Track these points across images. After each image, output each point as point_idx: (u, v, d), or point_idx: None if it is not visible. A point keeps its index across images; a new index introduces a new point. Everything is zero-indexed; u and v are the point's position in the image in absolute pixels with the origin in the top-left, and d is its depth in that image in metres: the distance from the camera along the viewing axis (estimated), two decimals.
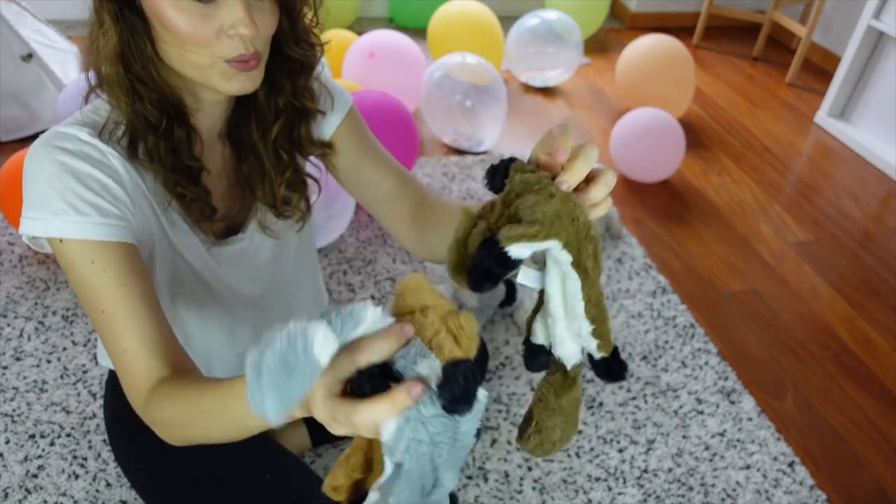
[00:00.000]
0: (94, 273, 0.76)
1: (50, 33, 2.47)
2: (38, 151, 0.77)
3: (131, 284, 0.77)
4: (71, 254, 0.76)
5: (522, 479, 1.36)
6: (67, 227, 0.75)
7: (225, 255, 0.94)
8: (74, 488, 1.27)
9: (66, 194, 0.75)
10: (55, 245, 0.77)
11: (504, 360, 1.62)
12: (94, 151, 0.77)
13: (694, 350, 1.70)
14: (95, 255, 0.76)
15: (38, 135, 2.49)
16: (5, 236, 1.84)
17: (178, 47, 0.75)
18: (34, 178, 0.76)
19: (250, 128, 0.88)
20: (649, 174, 2.30)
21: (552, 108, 2.78)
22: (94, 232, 0.76)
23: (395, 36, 2.44)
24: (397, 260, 1.89)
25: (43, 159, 0.76)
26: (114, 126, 0.79)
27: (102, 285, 0.76)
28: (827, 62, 3.27)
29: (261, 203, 0.94)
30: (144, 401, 0.75)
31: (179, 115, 0.81)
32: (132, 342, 0.75)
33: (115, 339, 0.76)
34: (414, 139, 2.02)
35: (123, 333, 0.76)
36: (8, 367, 1.49)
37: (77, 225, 0.75)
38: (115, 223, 0.77)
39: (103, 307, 0.76)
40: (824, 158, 2.63)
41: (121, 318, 0.76)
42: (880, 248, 2.16)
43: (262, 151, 0.89)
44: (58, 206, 0.75)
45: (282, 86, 0.86)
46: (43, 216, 0.75)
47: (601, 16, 3.26)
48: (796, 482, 1.41)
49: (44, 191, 0.75)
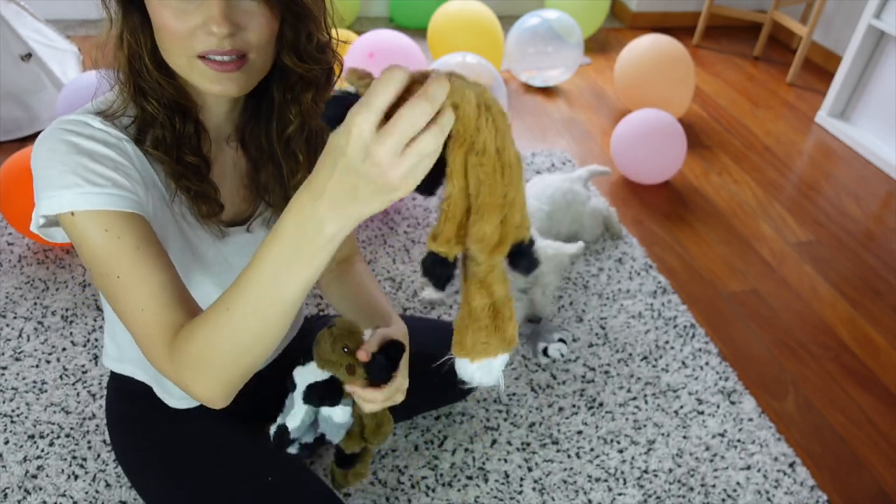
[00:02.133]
0: (110, 240, 0.75)
1: (49, 33, 2.47)
2: (46, 138, 0.77)
3: (147, 247, 0.76)
4: (83, 225, 0.75)
5: (522, 480, 1.36)
6: (79, 199, 0.74)
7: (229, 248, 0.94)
8: (74, 489, 1.27)
9: (79, 169, 0.74)
10: (67, 222, 0.76)
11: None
12: (107, 136, 0.78)
13: (694, 350, 1.69)
14: (109, 223, 0.75)
15: (37, 135, 2.48)
16: (4, 236, 1.84)
17: (164, 43, 0.76)
18: (45, 160, 0.75)
19: (270, 136, 0.89)
20: (650, 176, 2.29)
21: (552, 108, 2.78)
22: (107, 202, 0.75)
23: (395, 36, 2.43)
24: (397, 260, 1.89)
25: (53, 142, 0.76)
26: (123, 114, 0.81)
27: (118, 251, 0.75)
28: (828, 62, 3.27)
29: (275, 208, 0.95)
30: (168, 350, 0.74)
31: (184, 111, 0.82)
32: (150, 299, 0.75)
33: (133, 299, 0.75)
34: None
35: (142, 292, 0.75)
36: (7, 368, 1.49)
37: (90, 196, 0.74)
38: (128, 195, 0.77)
39: (119, 272, 0.75)
40: (825, 158, 2.63)
41: (138, 277, 0.75)
42: (881, 248, 2.15)
43: (280, 159, 0.90)
44: (70, 181, 0.74)
45: (295, 96, 0.86)
46: (56, 193, 0.74)
47: (601, 15, 3.26)
48: (797, 483, 1.41)
49: (55, 169, 0.74)
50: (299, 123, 0.88)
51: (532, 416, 1.49)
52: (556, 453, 1.42)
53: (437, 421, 1.46)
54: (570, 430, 1.47)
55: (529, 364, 1.61)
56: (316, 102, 0.88)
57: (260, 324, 0.66)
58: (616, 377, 1.60)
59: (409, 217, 2.06)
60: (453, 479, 1.35)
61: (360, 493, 1.30)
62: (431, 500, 1.31)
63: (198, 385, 0.72)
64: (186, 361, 0.71)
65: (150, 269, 0.75)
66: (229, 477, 1.00)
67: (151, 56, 0.78)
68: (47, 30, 2.46)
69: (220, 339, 0.68)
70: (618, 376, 1.61)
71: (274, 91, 0.86)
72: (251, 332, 0.67)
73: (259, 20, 0.76)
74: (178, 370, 0.73)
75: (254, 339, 0.67)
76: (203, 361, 0.70)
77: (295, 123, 0.87)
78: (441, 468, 1.37)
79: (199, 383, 0.72)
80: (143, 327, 0.75)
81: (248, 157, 0.93)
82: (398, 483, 1.33)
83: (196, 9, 0.73)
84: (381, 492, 1.31)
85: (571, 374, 1.60)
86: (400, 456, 1.38)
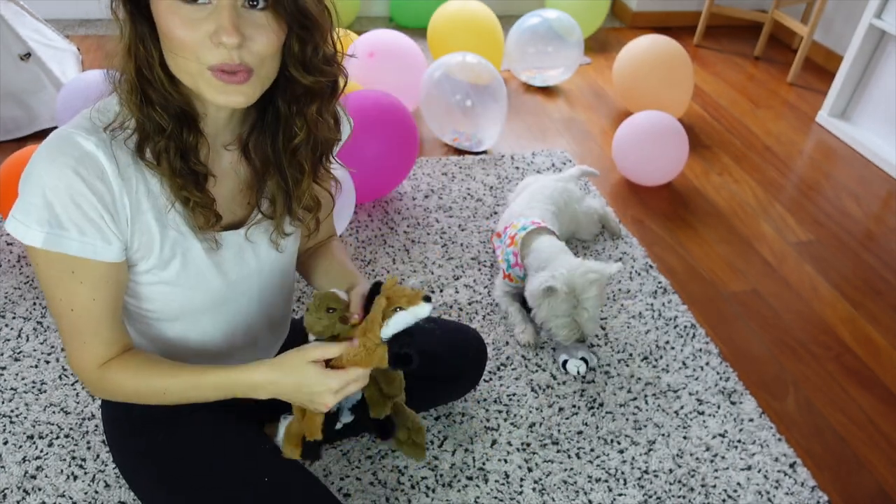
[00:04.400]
0: (72, 282, 0.83)
1: (48, 32, 2.46)
2: (42, 157, 0.78)
3: (105, 292, 0.86)
4: (51, 261, 0.81)
5: (522, 480, 1.36)
6: (52, 240, 0.79)
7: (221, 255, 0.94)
8: (73, 489, 1.27)
9: (57, 209, 0.78)
10: (35, 251, 0.81)
11: (504, 360, 1.61)
12: (95, 165, 0.79)
13: (695, 350, 1.69)
14: (76, 267, 0.82)
15: (36, 134, 2.47)
16: (4, 236, 1.84)
17: (172, 52, 0.76)
18: (32, 184, 0.78)
19: (277, 147, 0.90)
20: (652, 179, 2.28)
21: (552, 108, 2.78)
22: (77, 249, 0.80)
23: (395, 36, 2.43)
24: (397, 260, 1.89)
25: (44, 169, 0.78)
26: (121, 127, 0.81)
27: (77, 293, 0.84)
28: (828, 61, 3.27)
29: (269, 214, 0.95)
30: (95, 375, 0.90)
31: (189, 120, 0.82)
32: (95, 336, 0.88)
33: (78, 333, 0.88)
34: (414, 139, 2.01)
35: (89, 329, 0.87)
36: (6, 368, 1.48)
37: (62, 240, 0.79)
38: (100, 245, 0.82)
39: (73, 307, 0.85)
40: (825, 158, 2.62)
41: (90, 317, 0.86)
42: (882, 247, 2.15)
43: (285, 168, 0.91)
44: (45, 217, 0.78)
45: (301, 108, 0.87)
46: (32, 225, 0.79)
47: (602, 15, 3.26)
48: (797, 483, 1.41)
49: (37, 200, 0.78)
50: (305, 134, 0.89)
51: (532, 416, 1.49)
52: (557, 454, 1.42)
53: (437, 421, 1.45)
54: (570, 431, 1.47)
55: (529, 364, 1.61)
56: (321, 114, 0.89)
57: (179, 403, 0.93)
58: (616, 377, 1.60)
59: (409, 217, 2.06)
60: (453, 480, 1.35)
61: (359, 494, 1.30)
62: (431, 500, 1.31)
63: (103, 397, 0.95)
64: (107, 392, 0.92)
65: (102, 313, 0.87)
66: (226, 478, 1.00)
67: (161, 65, 0.78)
68: (47, 30, 2.46)
69: (144, 400, 0.93)
70: (618, 376, 1.60)
71: (279, 102, 0.86)
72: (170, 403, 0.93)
73: (267, 32, 0.76)
74: (95, 391, 0.93)
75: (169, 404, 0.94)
76: (119, 399, 0.93)
77: (301, 135, 0.88)
78: (441, 468, 1.36)
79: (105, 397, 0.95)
80: (79, 352, 0.89)
81: (251, 165, 0.94)
82: (398, 483, 1.33)
83: (205, 18, 0.73)
84: (381, 492, 1.31)
85: (571, 374, 1.60)
86: (400, 456, 1.38)
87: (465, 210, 2.11)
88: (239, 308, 1.03)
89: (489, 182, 2.25)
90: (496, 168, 2.33)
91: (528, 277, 1.64)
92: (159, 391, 0.90)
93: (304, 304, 1.72)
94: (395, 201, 2.12)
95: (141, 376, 0.90)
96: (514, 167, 2.34)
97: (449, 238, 1.99)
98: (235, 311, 1.03)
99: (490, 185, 2.24)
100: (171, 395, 0.91)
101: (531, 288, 1.55)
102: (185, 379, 0.91)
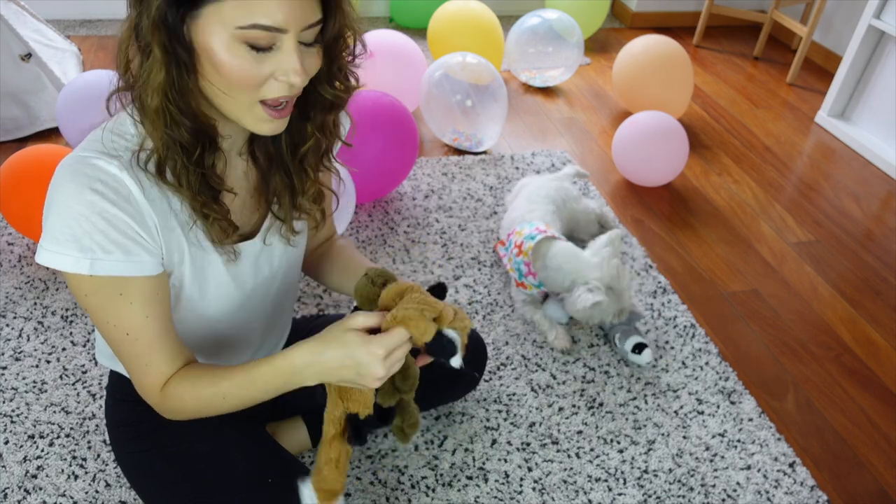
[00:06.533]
0: (122, 304, 0.82)
1: (49, 33, 2.47)
2: (66, 184, 0.77)
3: (156, 313, 0.85)
4: (98, 286, 0.80)
5: (522, 480, 1.36)
6: (99, 265, 0.78)
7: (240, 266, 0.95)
8: (74, 489, 1.27)
9: (95, 235, 0.77)
10: (78, 279, 0.80)
11: (504, 360, 1.62)
12: (121, 188, 0.79)
13: (694, 350, 1.69)
14: (124, 288, 0.82)
15: (36, 135, 2.47)
16: (4, 236, 1.84)
17: (222, 87, 0.76)
18: (62, 213, 0.77)
19: (280, 147, 0.91)
20: (652, 179, 2.29)
21: (552, 108, 2.78)
22: (124, 269, 0.80)
23: (395, 36, 2.43)
24: (397, 260, 1.89)
25: (72, 195, 0.77)
26: (140, 149, 0.80)
27: (129, 315, 0.83)
28: (828, 62, 3.27)
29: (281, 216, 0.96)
30: (159, 396, 0.89)
31: (210, 140, 0.83)
32: (155, 355, 0.86)
33: (139, 354, 0.86)
34: (414, 139, 2.02)
35: (147, 353, 0.86)
36: (7, 368, 1.49)
37: (109, 263, 0.79)
38: (144, 260, 0.81)
39: (128, 331, 0.84)
40: (825, 158, 2.63)
41: (145, 342, 0.85)
42: (881, 248, 2.15)
43: (291, 168, 0.93)
44: (86, 244, 0.77)
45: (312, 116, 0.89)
46: (73, 254, 0.77)
47: (601, 15, 3.26)
48: (797, 483, 1.41)
49: (72, 228, 0.77)
50: (315, 141, 0.90)
51: (532, 416, 1.49)
52: (556, 453, 1.42)
53: (437, 421, 1.46)
54: (570, 430, 1.47)
55: (529, 364, 1.61)
56: (335, 122, 0.92)
57: (243, 405, 0.89)
58: (616, 377, 1.60)
59: (409, 217, 2.06)
60: (453, 479, 1.35)
61: (360, 494, 1.30)
62: (431, 500, 1.31)
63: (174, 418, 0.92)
64: (174, 411, 0.90)
65: (157, 329, 0.85)
66: (228, 477, 1.00)
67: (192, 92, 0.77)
68: (47, 30, 2.46)
69: (209, 410, 0.90)
70: (618, 376, 1.61)
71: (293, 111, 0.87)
72: (234, 408, 0.90)
73: (316, 62, 0.80)
74: (162, 411, 0.91)
75: (234, 409, 0.90)
76: (187, 414, 0.90)
77: (311, 141, 0.90)
78: (441, 468, 1.37)
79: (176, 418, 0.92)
80: (144, 376, 0.87)
81: (258, 166, 0.95)
82: (398, 483, 1.33)
83: (269, 58, 0.74)
84: (381, 492, 1.31)
85: (571, 374, 1.60)
86: (400, 456, 1.38)
87: (465, 210, 2.12)
88: (250, 315, 1.04)
89: (489, 182, 2.26)
90: (496, 168, 2.33)
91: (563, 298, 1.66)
92: (219, 397, 0.87)
93: (304, 304, 1.72)
94: (395, 201, 2.13)
95: (199, 387, 0.87)
96: (514, 167, 2.34)
97: (449, 238, 1.99)
98: (246, 318, 1.03)
99: (490, 185, 2.24)
100: (230, 399, 0.87)
101: (577, 309, 1.58)
102: (238, 380, 0.86)
